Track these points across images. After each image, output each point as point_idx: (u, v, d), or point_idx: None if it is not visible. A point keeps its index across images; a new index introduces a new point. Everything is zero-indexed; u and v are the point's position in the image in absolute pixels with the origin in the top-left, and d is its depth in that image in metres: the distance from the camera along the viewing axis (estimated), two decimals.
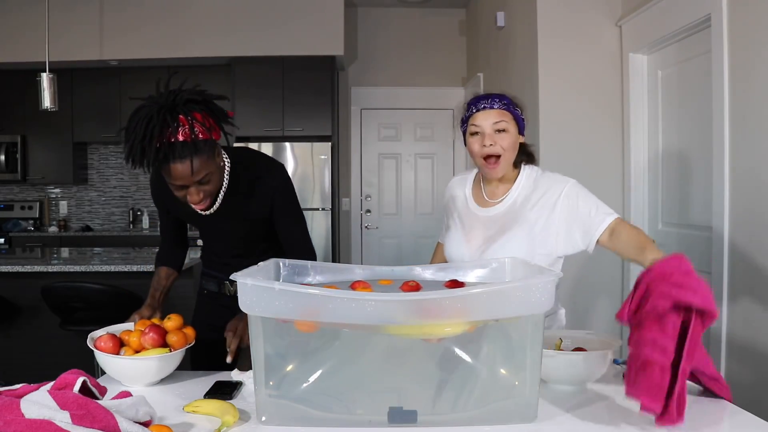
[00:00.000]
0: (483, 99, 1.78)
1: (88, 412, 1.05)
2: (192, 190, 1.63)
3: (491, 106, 1.75)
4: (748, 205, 2.41)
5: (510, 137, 1.75)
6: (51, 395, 1.06)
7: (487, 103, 1.76)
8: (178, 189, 1.63)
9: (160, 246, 2.11)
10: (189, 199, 1.66)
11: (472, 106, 1.79)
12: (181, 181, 1.59)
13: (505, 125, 1.75)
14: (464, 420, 1.27)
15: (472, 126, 1.77)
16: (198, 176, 1.60)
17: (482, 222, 1.86)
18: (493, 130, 1.74)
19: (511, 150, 1.77)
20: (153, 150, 1.52)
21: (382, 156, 6.11)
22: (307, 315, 1.24)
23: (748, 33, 2.39)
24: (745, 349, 2.43)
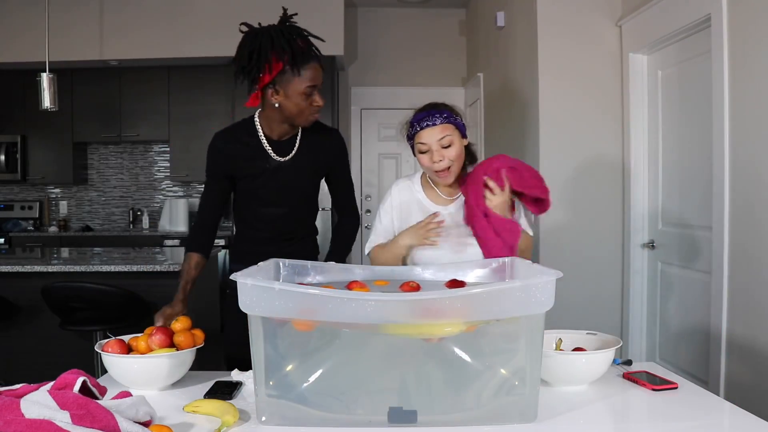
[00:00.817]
0: (425, 117, 1.84)
1: (88, 412, 1.05)
2: (317, 93, 1.87)
3: (434, 123, 1.83)
4: (748, 205, 2.41)
5: (456, 148, 1.84)
6: (51, 395, 1.06)
7: (430, 120, 1.83)
8: (308, 94, 1.85)
9: (194, 228, 2.07)
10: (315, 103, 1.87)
11: (415, 125, 1.86)
12: (316, 80, 1.84)
13: (450, 139, 1.83)
14: (464, 420, 1.27)
15: (420, 144, 1.85)
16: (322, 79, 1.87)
17: (448, 219, 1.92)
18: (440, 146, 1.83)
19: (458, 159, 1.86)
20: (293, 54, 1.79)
21: (382, 156, 6.11)
22: (307, 315, 1.24)
23: (748, 33, 2.39)
24: (745, 349, 2.43)
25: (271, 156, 1.98)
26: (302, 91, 1.84)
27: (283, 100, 1.86)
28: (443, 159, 1.83)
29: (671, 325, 3.16)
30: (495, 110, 4.65)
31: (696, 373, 2.85)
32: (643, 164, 3.36)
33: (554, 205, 3.45)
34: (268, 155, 1.98)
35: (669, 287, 3.18)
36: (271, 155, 1.98)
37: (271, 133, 1.98)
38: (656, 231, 3.28)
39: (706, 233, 2.75)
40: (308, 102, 1.86)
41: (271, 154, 1.98)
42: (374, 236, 2.03)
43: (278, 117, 1.92)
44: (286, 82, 1.83)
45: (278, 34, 1.81)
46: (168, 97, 5.68)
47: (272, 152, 1.98)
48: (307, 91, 1.84)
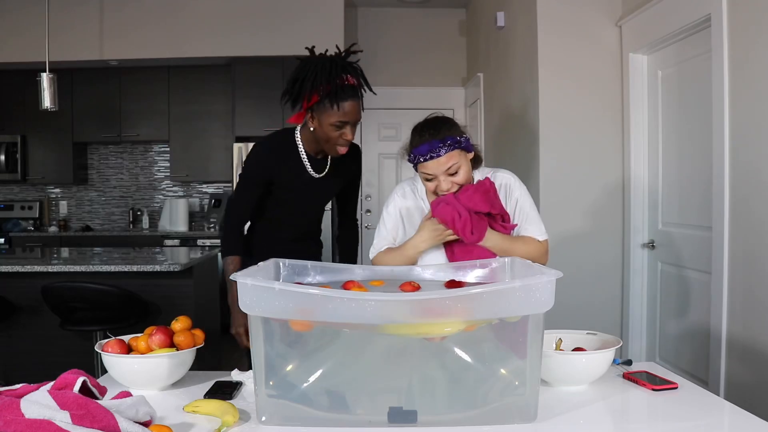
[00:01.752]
0: (428, 150, 1.76)
1: (88, 412, 1.05)
2: (350, 128, 1.97)
3: (438, 155, 1.75)
4: (748, 205, 2.42)
5: (463, 172, 1.79)
6: (51, 395, 1.06)
7: (434, 152, 1.75)
8: (339, 127, 1.96)
9: (231, 230, 2.13)
10: (345, 137, 1.98)
11: (419, 156, 1.79)
12: (349, 117, 1.94)
13: (457, 166, 1.77)
14: (464, 420, 1.27)
15: (424, 174, 1.81)
16: (359, 116, 1.98)
17: None
18: (447, 175, 1.78)
19: (465, 179, 1.81)
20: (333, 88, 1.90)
21: (382, 156, 6.11)
22: (307, 315, 1.24)
23: (748, 33, 2.39)
24: (745, 349, 2.43)
25: (308, 171, 2.13)
26: (333, 123, 1.95)
27: (317, 126, 2.00)
28: (451, 186, 1.79)
29: (671, 325, 3.16)
30: (495, 110, 4.65)
31: (696, 373, 2.85)
32: (643, 164, 3.36)
33: (554, 206, 3.46)
34: (306, 170, 2.13)
35: (669, 287, 3.18)
36: (308, 170, 2.13)
37: (309, 149, 2.12)
38: (656, 231, 3.28)
39: (706, 233, 2.75)
40: (338, 134, 1.98)
41: (308, 170, 2.13)
42: (378, 240, 1.97)
43: (313, 138, 2.06)
44: (321, 111, 1.96)
45: (324, 67, 1.92)
46: (168, 97, 5.68)
47: (310, 168, 2.13)
48: (337, 124, 1.95)
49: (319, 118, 1.97)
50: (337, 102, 1.92)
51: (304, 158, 2.11)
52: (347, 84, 1.93)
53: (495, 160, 4.67)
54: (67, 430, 1.00)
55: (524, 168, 3.76)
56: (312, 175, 2.14)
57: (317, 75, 1.91)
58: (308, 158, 2.12)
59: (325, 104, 1.93)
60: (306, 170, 2.12)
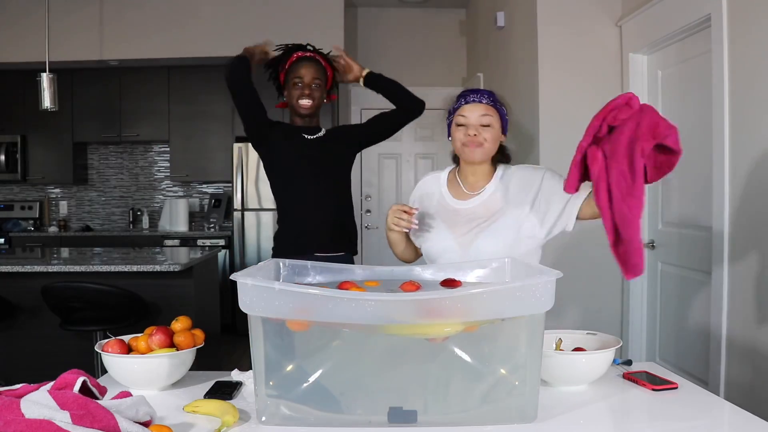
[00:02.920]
0: (472, 93, 1.86)
1: (88, 411, 1.05)
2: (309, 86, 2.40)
3: (480, 100, 1.84)
4: (748, 205, 2.42)
5: (493, 131, 1.83)
6: (51, 395, 1.06)
7: (476, 97, 1.85)
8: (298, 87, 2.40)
9: None
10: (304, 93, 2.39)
11: (461, 99, 1.87)
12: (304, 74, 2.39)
13: (490, 120, 1.83)
14: (464, 420, 1.27)
15: (460, 117, 1.85)
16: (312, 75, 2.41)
17: (463, 214, 1.88)
18: (479, 123, 1.82)
19: (492, 143, 1.84)
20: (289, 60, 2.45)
21: (382, 156, 6.11)
22: (307, 315, 1.24)
23: (748, 33, 2.39)
24: (745, 349, 2.43)
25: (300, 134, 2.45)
26: (292, 82, 2.42)
27: (287, 95, 2.47)
28: (478, 135, 1.81)
29: (671, 325, 3.16)
30: None
31: (696, 373, 2.85)
32: None
33: None
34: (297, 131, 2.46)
35: (669, 287, 3.18)
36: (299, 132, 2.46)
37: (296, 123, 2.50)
38: (656, 231, 3.28)
39: (706, 233, 2.75)
40: (299, 91, 2.40)
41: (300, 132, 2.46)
42: None
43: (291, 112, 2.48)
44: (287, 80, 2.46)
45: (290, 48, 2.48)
46: (168, 97, 5.68)
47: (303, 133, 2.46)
48: (296, 81, 2.40)
49: (286, 86, 2.46)
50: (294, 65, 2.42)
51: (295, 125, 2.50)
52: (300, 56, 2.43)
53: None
54: (67, 430, 1.00)
55: None
56: (304, 137, 2.45)
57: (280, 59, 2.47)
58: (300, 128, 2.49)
59: (288, 72, 2.44)
60: (297, 131, 2.45)
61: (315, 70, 2.42)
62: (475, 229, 1.84)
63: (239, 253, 5.45)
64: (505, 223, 1.82)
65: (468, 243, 1.84)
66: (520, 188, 1.86)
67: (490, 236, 1.81)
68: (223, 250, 5.41)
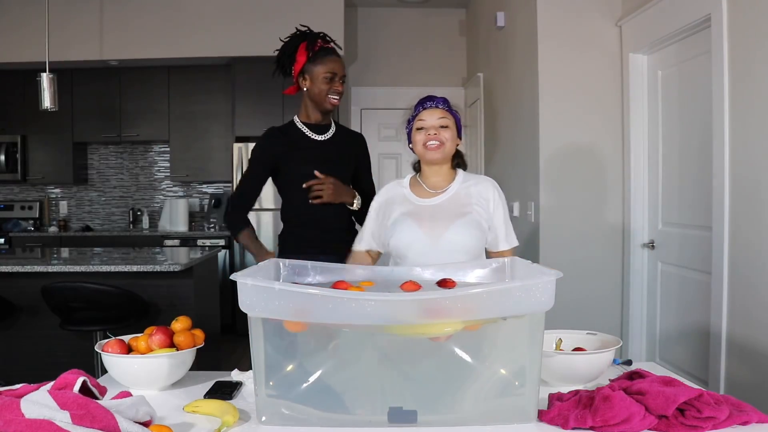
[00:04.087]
0: (429, 99, 2.00)
1: (88, 412, 1.05)
2: (338, 80, 2.29)
3: (436, 106, 1.98)
4: (748, 205, 2.42)
5: (451, 134, 1.96)
6: (51, 395, 1.06)
7: (433, 103, 1.99)
8: (329, 79, 2.28)
9: (232, 210, 2.38)
10: (336, 87, 2.29)
11: (419, 106, 2.01)
12: (336, 68, 2.28)
13: (448, 122, 1.96)
14: (464, 420, 1.27)
15: (419, 121, 1.98)
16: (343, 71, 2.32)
17: (428, 210, 1.97)
18: (438, 125, 1.95)
19: (451, 143, 1.97)
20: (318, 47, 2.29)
21: (382, 156, 6.11)
22: (306, 315, 1.24)
23: (748, 33, 2.39)
24: (745, 349, 2.43)
25: (309, 136, 2.35)
26: (324, 75, 2.28)
27: (309, 85, 2.30)
28: (438, 134, 1.94)
29: (671, 325, 3.16)
30: (495, 110, 4.65)
31: (696, 373, 2.85)
32: (643, 164, 3.36)
33: (554, 205, 3.46)
34: (306, 135, 2.35)
35: (669, 287, 3.18)
36: (308, 135, 2.35)
37: (308, 119, 2.37)
38: (656, 231, 3.28)
39: (706, 233, 2.75)
40: (329, 86, 2.29)
41: (308, 134, 2.35)
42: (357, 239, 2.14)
43: (308, 102, 2.35)
44: (311, 69, 2.29)
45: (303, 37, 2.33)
46: (168, 97, 5.68)
47: (308, 131, 2.35)
48: (328, 76, 2.28)
49: (311, 76, 2.29)
50: (323, 57, 2.28)
51: (301, 127, 2.36)
52: (324, 46, 2.31)
53: (495, 159, 4.67)
54: (67, 430, 1.00)
55: (524, 168, 3.77)
56: (313, 138, 2.35)
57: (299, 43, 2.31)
58: (307, 126, 2.36)
59: (314, 61, 2.28)
60: (306, 135, 2.35)
61: (343, 66, 2.34)
62: (444, 222, 1.92)
63: (239, 253, 5.45)
64: (473, 218, 1.93)
65: (438, 236, 1.91)
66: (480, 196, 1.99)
67: (460, 229, 1.92)
68: (223, 250, 5.40)
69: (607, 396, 1.26)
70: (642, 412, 1.23)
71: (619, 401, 1.24)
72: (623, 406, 1.23)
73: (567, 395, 1.37)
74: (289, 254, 2.20)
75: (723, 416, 1.21)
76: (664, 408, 1.23)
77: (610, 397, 1.25)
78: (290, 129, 2.37)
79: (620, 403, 1.23)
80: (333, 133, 2.40)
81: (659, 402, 1.24)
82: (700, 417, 1.21)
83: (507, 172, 4.22)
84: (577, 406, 1.29)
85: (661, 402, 1.24)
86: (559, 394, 1.39)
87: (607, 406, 1.23)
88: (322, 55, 2.29)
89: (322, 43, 2.32)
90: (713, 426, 1.21)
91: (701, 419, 1.21)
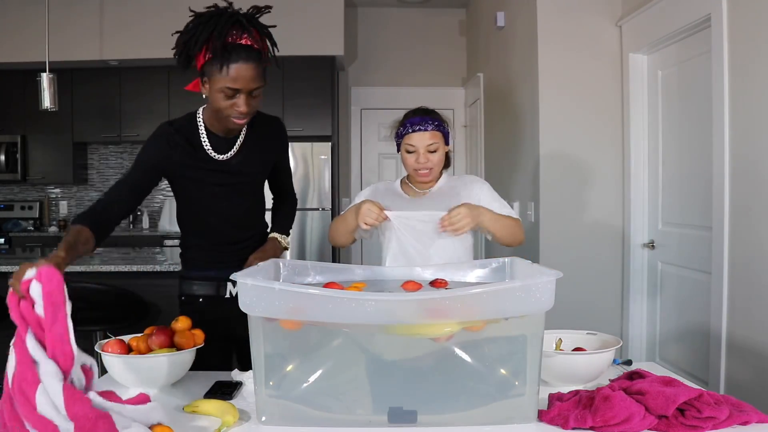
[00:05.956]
0: (418, 121, 1.98)
1: (94, 428, 1.05)
2: (244, 98, 1.67)
3: (425, 129, 1.97)
4: (748, 205, 2.42)
5: (439, 154, 1.99)
6: (64, 398, 1.06)
7: (422, 126, 1.97)
8: (228, 96, 1.66)
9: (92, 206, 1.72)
10: (236, 108, 1.67)
11: (408, 126, 1.99)
12: (239, 83, 1.63)
13: (437, 146, 1.98)
14: (464, 420, 1.27)
15: (408, 145, 1.98)
16: (254, 84, 1.66)
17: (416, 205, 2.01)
18: (427, 150, 1.96)
19: (439, 165, 2.01)
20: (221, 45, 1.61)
21: (382, 156, 6.11)
22: (307, 315, 1.24)
23: (748, 33, 2.39)
24: (745, 349, 2.43)
25: (207, 151, 1.81)
26: (220, 89, 1.66)
27: (208, 93, 1.72)
28: (428, 161, 1.97)
29: (671, 325, 3.16)
30: (495, 110, 4.65)
31: (696, 373, 2.85)
32: (643, 164, 3.36)
33: (554, 205, 3.46)
34: (203, 150, 1.81)
35: (669, 287, 3.18)
36: (206, 150, 1.81)
37: (211, 126, 1.82)
38: (656, 231, 3.28)
39: (706, 233, 2.75)
40: (228, 103, 1.68)
41: (207, 149, 1.81)
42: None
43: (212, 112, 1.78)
44: (210, 74, 1.67)
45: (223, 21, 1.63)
46: (168, 97, 5.67)
47: (209, 146, 1.81)
48: (226, 91, 1.65)
49: (210, 82, 1.68)
50: (225, 63, 1.62)
51: (203, 136, 1.80)
52: (241, 44, 1.64)
53: (495, 159, 4.67)
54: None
55: (524, 168, 3.77)
56: (213, 156, 1.81)
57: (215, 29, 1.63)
58: (210, 137, 1.81)
59: (214, 65, 1.64)
60: (204, 150, 1.80)
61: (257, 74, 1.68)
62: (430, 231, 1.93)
63: None
64: None
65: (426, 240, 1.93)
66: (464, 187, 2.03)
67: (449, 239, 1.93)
68: None
69: (607, 396, 1.26)
70: (642, 412, 1.23)
71: (619, 401, 1.24)
72: (623, 406, 1.23)
73: (567, 395, 1.37)
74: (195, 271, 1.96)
75: (723, 416, 1.21)
76: (664, 408, 1.23)
77: (610, 397, 1.25)
78: (190, 133, 1.82)
79: (620, 403, 1.23)
80: (239, 146, 1.85)
81: (659, 402, 1.24)
82: (700, 417, 1.21)
83: (507, 172, 4.22)
84: (577, 406, 1.29)
85: (661, 402, 1.24)
86: (559, 394, 1.39)
87: (607, 406, 1.23)
88: (226, 58, 1.62)
89: (235, 38, 1.64)
90: (713, 426, 1.21)
91: (701, 419, 1.21)
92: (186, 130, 1.82)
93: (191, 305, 1.97)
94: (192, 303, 1.98)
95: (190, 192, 1.89)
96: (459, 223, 1.81)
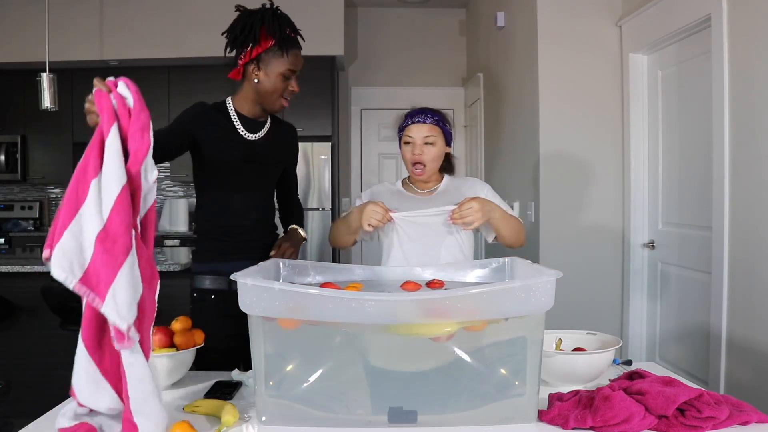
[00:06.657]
0: (418, 114, 2.01)
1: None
2: (295, 79, 1.97)
3: (424, 121, 1.99)
4: (748, 205, 2.42)
5: (436, 149, 2.00)
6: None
7: (421, 117, 2.00)
8: (286, 77, 1.94)
9: None
10: (291, 88, 1.96)
11: (408, 118, 2.03)
12: (297, 65, 1.95)
13: (434, 139, 1.99)
14: (464, 420, 1.27)
15: (406, 136, 2.01)
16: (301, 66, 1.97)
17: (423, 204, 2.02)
18: (423, 142, 1.98)
19: (435, 161, 2.01)
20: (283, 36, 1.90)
21: (382, 156, 6.11)
22: (307, 315, 1.24)
23: (748, 33, 2.39)
24: (745, 349, 2.43)
25: (239, 132, 2.00)
26: (282, 72, 1.93)
27: (263, 77, 1.93)
28: (423, 154, 1.98)
29: (671, 325, 3.16)
30: (495, 110, 4.65)
31: (696, 373, 2.85)
32: (643, 164, 3.36)
33: (554, 206, 3.46)
34: (236, 130, 2.00)
35: (669, 287, 3.18)
36: (239, 131, 2.00)
37: (242, 110, 2.02)
38: (656, 231, 3.28)
39: (706, 233, 2.75)
40: (285, 84, 1.95)
41: (239, 130, 2.00)
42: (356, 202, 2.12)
43: (253, 95, 1.98)
44: (270, 60, 1.92)
45: (271, 16, 1.91)
46: (168, 97, 5.67)
47: (241, 127, 2.01)
48: (286, 74, 1.93)
49: (267, 68, 1.92)
50: (287, 50, 1.91)
51: (234, 119, 2.00)
52: (292, 35, 1.95)
53: (495, 159, 4.67)
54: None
55: (524, 168, 3.76)
56: (245, 137, 2.00)
57: (266, 21, 1.89)
58: (241, 120, 2.01)
59: (275, 52, 1.90)
60: (236, 130, 1.99)
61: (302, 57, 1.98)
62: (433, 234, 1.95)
63: None
64: None
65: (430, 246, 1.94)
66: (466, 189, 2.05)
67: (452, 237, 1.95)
68: None
69: (607, 396, 1.26)
70: (642, 412, 1.23)
71: (619, 401, 1.24)
72: (623, 406, 1.23)
73: (567, 395, 1.37)
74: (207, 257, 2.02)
75: (723, 416, 1.21)
76: (664, 408, 1.23)
77: (610, 397, 1.25)
78: (222, 115, 2.02)
79: (620, 403, 1.23)
80: (266, 131, 2.06)
81: (659, 402, 1.24)
82: (700, 417, 1.21)
83: (507, 171, 4.22)
84: (577, 406, 1.29)
85: (661, 402, 1.24)
86: (559, 394, 1.39)
87: (607, 406, 1.23)
88: (288, 46, 1.92)
89: (291, 31, 1.94)
90: (713, 426, 1.21)
91: (701, 419, 1.21)
92: (219, 109, 2.02)
93: (204, 301, 2.00)
94: (204, 299, 2.00)
95: (218, 165, 1.99)
96: (470, 216, 1.81)
